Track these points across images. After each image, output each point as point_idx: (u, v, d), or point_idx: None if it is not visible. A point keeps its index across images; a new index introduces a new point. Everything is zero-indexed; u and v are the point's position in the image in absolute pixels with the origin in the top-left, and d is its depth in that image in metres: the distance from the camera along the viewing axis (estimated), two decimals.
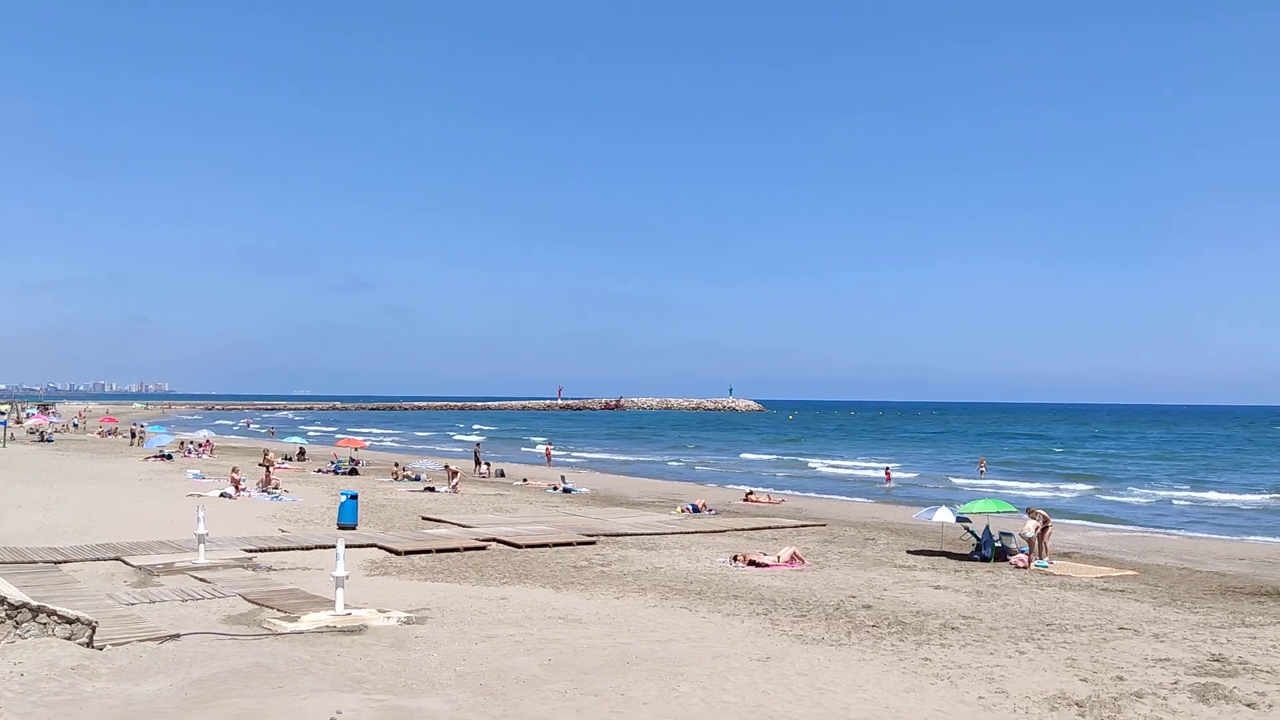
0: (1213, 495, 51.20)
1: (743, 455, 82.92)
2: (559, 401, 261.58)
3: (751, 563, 22.99)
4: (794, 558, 23.51)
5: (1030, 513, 25.62)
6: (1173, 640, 15.64)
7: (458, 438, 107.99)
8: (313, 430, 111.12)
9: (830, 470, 67.67)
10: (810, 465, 71.81)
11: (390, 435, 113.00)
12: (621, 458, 79.04)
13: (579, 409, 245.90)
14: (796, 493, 48.81)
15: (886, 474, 59.93)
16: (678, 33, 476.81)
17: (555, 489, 44.16)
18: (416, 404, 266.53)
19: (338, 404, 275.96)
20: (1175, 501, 48.36)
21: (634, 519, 32.32)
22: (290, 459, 56.99)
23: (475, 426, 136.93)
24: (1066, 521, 36.70)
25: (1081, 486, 55.82)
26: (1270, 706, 11.77)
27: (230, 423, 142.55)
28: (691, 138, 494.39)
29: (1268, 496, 50.64)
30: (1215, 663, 14.07)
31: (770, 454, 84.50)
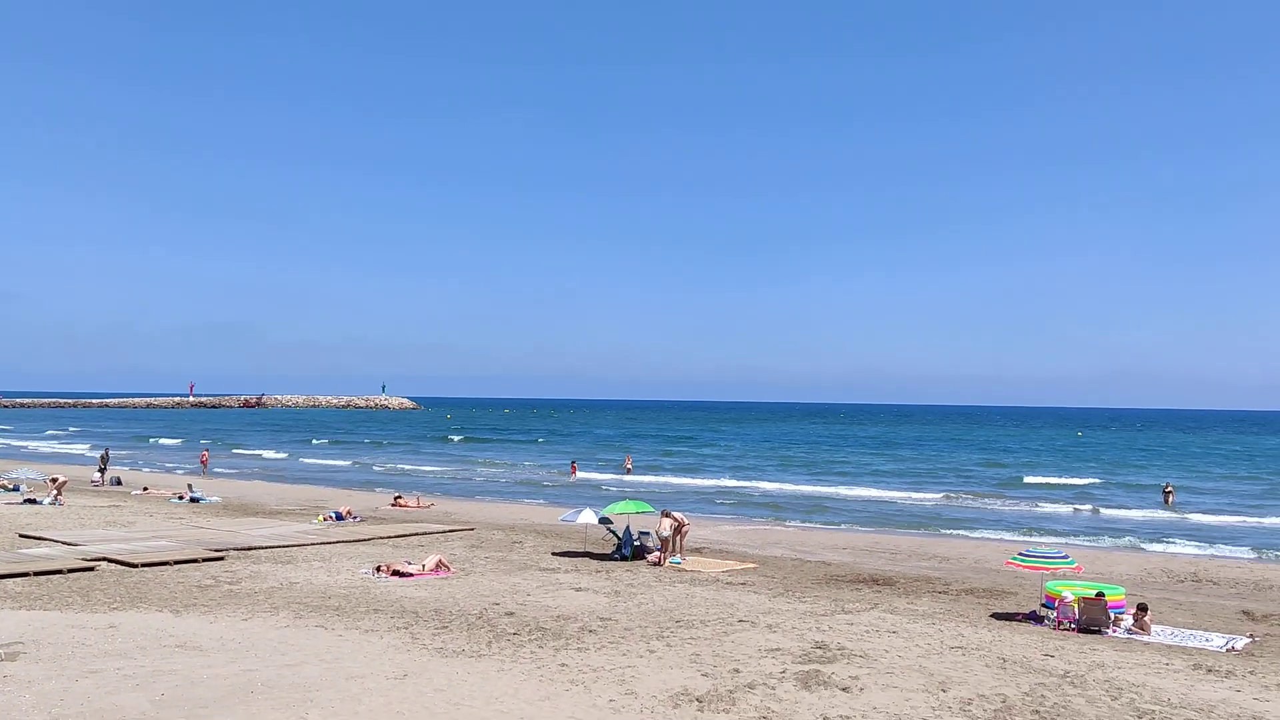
0: (823, 488, 56.70)
1: (388, 454, 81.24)
2: (190, 398, 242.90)
3: (396, 573, 22.47)
4: (439, 565, 23.25)
5: (665, 514, 27.04)
6: (784, 630, 17.08)
7: (56, 448, 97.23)
8: None
9: (485, 470, 67.86)
10: (466, 465, 71.63)
11: None
12: (261, 460, 74.77)
13: (214, 406, 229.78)
14: (448, 495, 48.49)
15: (573, 468, 62.43)
16: (367, 19, 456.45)
17: (181, 498, 40.85)
18: (19, 401, 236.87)
19: None
20: (796, 493, 53.05)
21: (270, 530, 30.57)
22: None
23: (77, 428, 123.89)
24: (702, 517, 39.19)
25: (723, 482, 59.90)
26: (862, 690, 13.13)
27: None
28: (344, 121, 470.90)
29: (869, 489, 56.86)
30: (818, 650, 15.52)
31: (422, 454, 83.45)
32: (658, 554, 25.98)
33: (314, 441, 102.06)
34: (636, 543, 26.86)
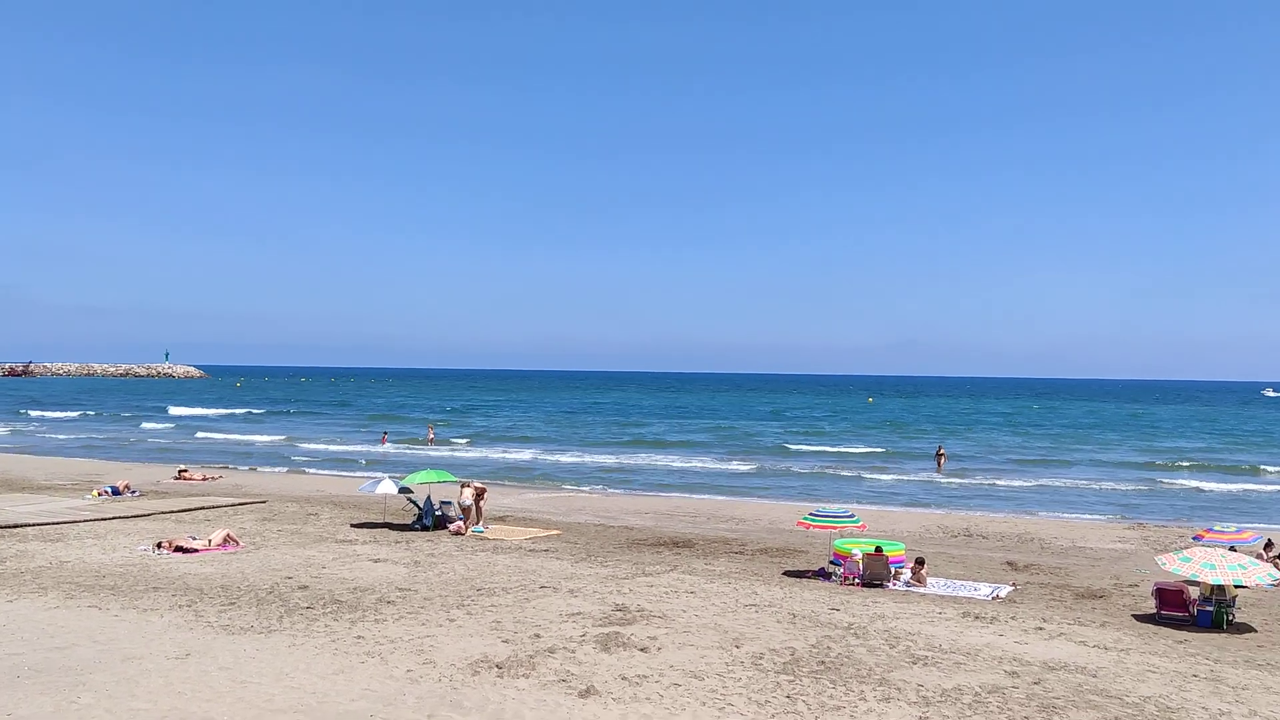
0: (626, 457, 57.56)
1: (147, 425, 76.81)
2: None
3: (179, 549, 21.32)
4: (227, 540, 22.22)
5: (465, 483, 26.81)
6: (585, 595, 17.25)
7: None
8: None
9: (278, 440, 65.16)
10: (258, 436, 68.55)
11: None
12: (27, 432, 69.20)
13: None
14: (238, 467, 46.34)
15: (383, 439, 61.59)
16: None
17: None
18: None
19: None
20: (601, 464, 53.56)
21: (37, 506, 28.36)
22: None
23: None
24: (506, 486, 39.07)
25: (528, 452, 59.73)
26: (660, 649, 13.43)
27: None
28: (108, 58, 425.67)
29: (672, 456, 58.11)
30: (618, 612, 15.76)
31: (209, 424, 79.31)
32: (459, 523, 25.71)
33: (82, 414, 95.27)
34: (438, 512, 26.47)
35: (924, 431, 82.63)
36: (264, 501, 31.24)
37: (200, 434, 70.50)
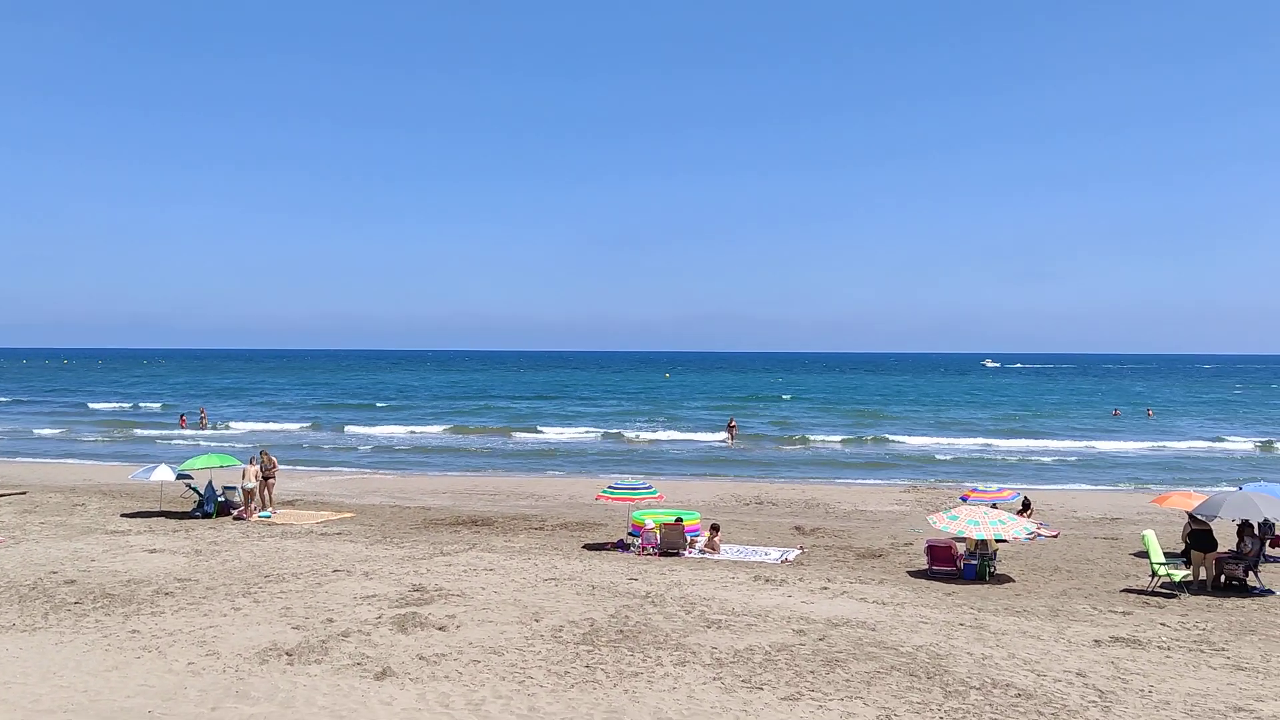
0: (425, 439, 56.56)
1: None
2: None
3: None
4: None
5: (262, 454, 25.75)
6: (380, 576, 16.85)
7: None
8: None
9: (41, 428, 60.13)
10: (17, 423, 62.98)
11: None
12: None
13: None
14: None
15: (181, 421, 58.39)
16: None
17: None
18: None
19: None
20: (395, 445, 52.34)
21: None
22: None
23: None
24: (295, 469, 37.58)
25: (316, 434, 57.63)
26: (459, 627, 13.29)
27: None
28: None
29: (469, 434, 57.51)
30: (416, 593, 15.48)
31: None
32: (244, 508, 24.57)
33: None
34: (221, 498, 25.20)
35: (718, 405, 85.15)
36: (23, 492, 28.85)
37: (35, 421, 63.61)
